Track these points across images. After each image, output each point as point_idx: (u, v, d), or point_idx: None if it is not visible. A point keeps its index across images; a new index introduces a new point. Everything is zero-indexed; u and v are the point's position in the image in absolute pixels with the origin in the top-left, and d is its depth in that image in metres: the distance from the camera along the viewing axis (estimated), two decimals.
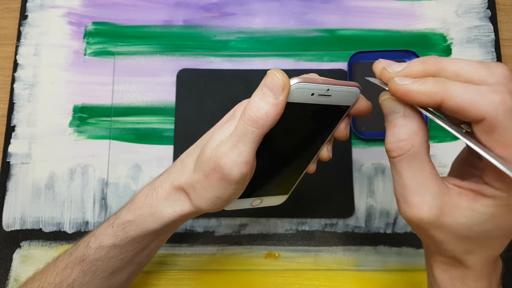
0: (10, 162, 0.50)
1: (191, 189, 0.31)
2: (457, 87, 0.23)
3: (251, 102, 0.27)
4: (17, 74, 0.52)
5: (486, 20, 0.53)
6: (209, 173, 0.29)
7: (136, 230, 0.34)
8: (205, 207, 0.31)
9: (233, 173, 0.28)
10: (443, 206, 0.25)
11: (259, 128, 0.27)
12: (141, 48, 0.53)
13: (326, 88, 0.28)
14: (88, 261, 0.34)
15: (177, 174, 0.33)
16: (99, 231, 0.35)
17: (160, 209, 0.33)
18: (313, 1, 0.55)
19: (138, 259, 0.36)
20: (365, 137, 0.50)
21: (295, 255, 0.47)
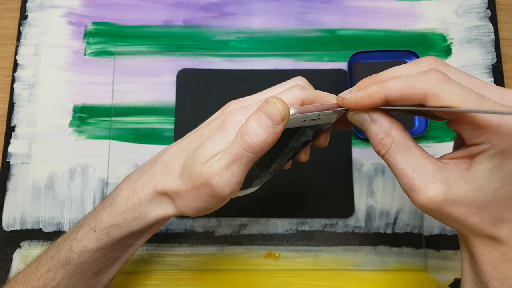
0: (10, 162, 0.50)
1: (177, 196, 0.31)
2: (393, 81, 0.26)
3: (249, 127, 0.28)
4: (17, 74, 0.52)
5: (486, 20, 0.53)
6: (199, 187, 0.30)
7: (121, 232, 0.34)
8: (189, 213, 0.32)
9: (224, 191, 0.29)
10: (445, 180, 0.26)
11: (255, 154, 0.28)
12: (141, 48, 0.53)
13: (317, 114, 0.29)
14: (72, 265, 0.34)
15: (161, 178, 0.32)
16: (81, 235, 0.34)
17: (144, 213, 0.33)
18: (313, 1, 0.55)
19: (124, 257, 0.37)
20: (365, 137, 0.50)
21: (295, 255, 0.47)
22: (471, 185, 0.25)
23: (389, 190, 0.49)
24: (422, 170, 0.26)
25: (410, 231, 0.48)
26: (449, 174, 0.26)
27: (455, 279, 0.46)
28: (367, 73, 0.52)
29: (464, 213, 0.26)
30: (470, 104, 0.24)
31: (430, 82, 0.25)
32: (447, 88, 0.24)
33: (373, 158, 0.50)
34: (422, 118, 0.50)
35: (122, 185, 0.35)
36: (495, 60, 0.52)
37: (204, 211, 0.32)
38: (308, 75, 0.52)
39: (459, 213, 0.26)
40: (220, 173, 0.29)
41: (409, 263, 0.47)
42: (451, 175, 0.26)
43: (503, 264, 0.27)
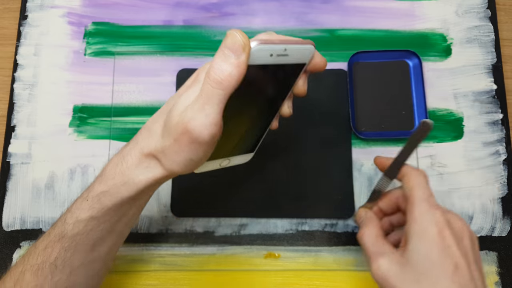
0: (10, 162, 0.50)
1: (161, 154, 0.32)
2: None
3: (214, 64, 0.28)
4: (17, 74, 0.52)
5: (486, 20, 0.53)
6: (179, 137, 0.30)
7: (111, 199, 0.33)
8: (178, 169, 0.32)
9: (203, 135, 0.29)
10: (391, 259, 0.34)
11: (224, 89, 0.28)
12: (141, 48, 0.53)
13: (283, 48, 0.30)
14: (67, 237, 0.34)
15: (145, 141, 0.33)
16: (74, 207, 0.35)
17: (132, 177, 0.33)
18: (313, 1, 0.55)
19: (118, 228, 0.36)
20: (365, 137, 0.50)
21: (295, 255, 0.47)
22: (408, 262, 0.33)
23: None
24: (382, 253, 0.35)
25: None
26: (395, 256, 0.34)
27: None
28: (367, 73, 0.52)
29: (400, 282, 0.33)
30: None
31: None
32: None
33: (373, 158, 0.50)
34: (422, 118, 0.50)
35: (112, 157, 0.35)
36: (495, 60, 0.52)
37: (191, 164, 0.31)
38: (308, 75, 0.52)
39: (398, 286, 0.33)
40: (195, 117, 0.29)
41: None
42: (396, 256, 0.34)
43: None
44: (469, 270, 0.32)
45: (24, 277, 0.34)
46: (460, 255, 0.32)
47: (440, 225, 0.33)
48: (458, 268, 0.32)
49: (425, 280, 0.32)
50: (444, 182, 0.49)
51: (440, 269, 0.32)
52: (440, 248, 0.32)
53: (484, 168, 0.49)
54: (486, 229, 0.48)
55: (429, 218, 0.33)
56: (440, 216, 0.33)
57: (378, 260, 0.34)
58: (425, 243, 0.33)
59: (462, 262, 0.32)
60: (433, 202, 0.34)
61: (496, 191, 0.49)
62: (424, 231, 0.33)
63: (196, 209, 0.49)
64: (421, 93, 0.50)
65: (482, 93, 0.51)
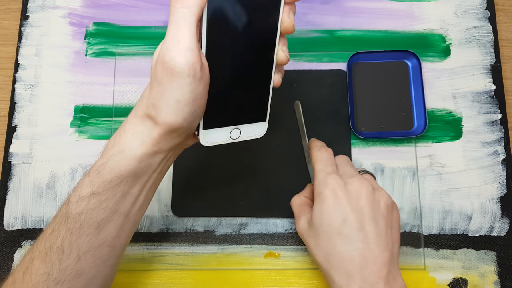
0: (11, 162, 0.50)
1: (152, 108, 0.31)
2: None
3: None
4: (18, 75, 0.53)
5: (485, 21, 0.54)
6: (161, 79, 0.29)
7: (110, 172, 0.32)
8: (170, 118, 0.30)
9: (179, 62, 0.28)
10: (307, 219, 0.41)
11: (188, 7, 0.27)
12: (142, 48, 0.53)
13: None
14: (71, 218, 0.33)
15: (138, 104, 0.33)
16: (77, 185, 0.34)
17: (130, 144, 0.32)
18: (312, 2, 0.55)
19: (123, 209, 0.34)
20: (364, 137, 0.50)
21: (295, 254, 0.48)
22: (313, 223, 0.39)
23: (388, 189, 0.49)
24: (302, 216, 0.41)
25: (409, 230, 0.48)
26: (308, 217, 0.40)
27: (454, 278, 0.47)
28: (367, 74, 0.52)
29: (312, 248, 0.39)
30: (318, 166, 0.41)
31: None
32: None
33: (372, 158, 0.50)
34: (421, 119, 0.50)
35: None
36: (494, 61, 0.52)
37: (179, 107, 0.30)
38: (308, 75, 0.52)
39: (310, 246, 0.39)
40: (167, 47, 0.28)
41: (408, 262, 0.47)
42: (308, 218, 0.40)
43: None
44: (360, 222, 0.36)
45: (33, 265, 0.33)
46: (351, 210, 0.36)
47: (333, 188, 0.38)
48: (346, 222, 0.36)
49: (321, 234, 0.37)
50: (443, 182, 0.49)
51: (331, 224, 0.36)
52: (332, 206, 0.37)
53: (483, 168, 0.50)
54: (485, 228, 0.48)
55: (324, 183, 0.38)
56: (335, 181, 0.38)
57: (299, 219, 0.41)
58: (321, 203, 0.38)
59: (352, 216, 0.36)
60: (330, 171, 0.39)
61: (495, 190, 0.49)
62: (320, 194, 0.38)
63: (197, 209, 0.49)
64: (420, 93, 0.51)
65: (481, 93, 0.52)
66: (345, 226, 0.36)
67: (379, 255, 0.35)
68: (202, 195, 0.49)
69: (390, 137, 0.50)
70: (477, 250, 0.47)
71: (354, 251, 0.35)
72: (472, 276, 0.47)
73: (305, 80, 0.52)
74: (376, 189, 0.39)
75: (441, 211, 0.48)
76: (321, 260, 0.37)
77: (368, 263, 0.34)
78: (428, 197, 0.49)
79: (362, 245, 0.35)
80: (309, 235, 0.39)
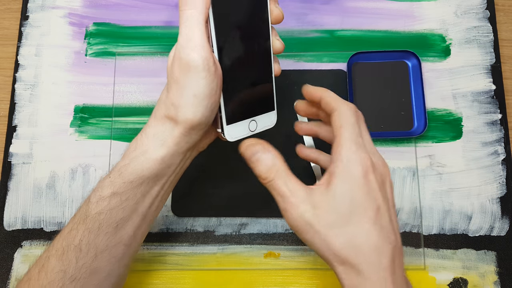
0: (11, 162, 0.50)
1: (171, 108, 0.32)
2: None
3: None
4: (18, 75, 0.53)
5: (485, 21, 0.54)
6: (177, 77, 0.31)
7: (132, 173, 0.33)
8: (190, 115, 0.32)
9: (193, 58, 0.30)
10: (312, 201, 0.31)
11: (196, 7, 0.29)
12: (142, 48, 0.53)
13: None
14: (91, 217, 0.33)
15: (157, 108, 0.34)
16: (97, 186, 0.35)
17: (152, 145, 0.33)
18: (313, 2, 0.55)
19: (141, 209, 0.35)
20: None
21: (295, 254, 0.48)
22: (330, 203, 0.31)
23: None
24: (296, 192, 0.32)
25: (409, 230, 0.48)
26: (316, 196, 0.32)
27: (454, 278, 0.47)
28: (367, 74, 0.52)
29: (327, 233, 0.31)
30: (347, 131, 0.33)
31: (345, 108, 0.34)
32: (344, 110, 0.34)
33: None
34: (421, 119, 0.50)
35: None
36: (494, 61, 0.52)
37: (197, 102, 0.31)
38: (308, 75, 0.52)
39: (323, 231, 0.31)
40: (181, 46, 0.30)
41: (408, 262, 0.47)
42: (317, 196, 0.32)
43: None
44: (389, 212, 0.32)
45: (49, 263, 0.33)
46: (382, 198, 0.32)
47: (366, 168, 0.32)
48: (379, 211, 0.32)
49: (347, 222, 0.31)
50: (443, 182, 0.49)
51: (363, 211, 0.31)
52: (365, 190, 0.31)
53: (483, 168, 0.50)
54: (485, 228, 0.48)
55: (355, 160, 0.32)
56: (367, 159, 0.32)
57: (299, 206, 0.32)
58: (350, 184, 0.31)
59: (383, 205, 0.32)
60: (360, 143, 0.33)
61: (495, 190, 0.49)
62: (349, 172, 0.32)
63: (197, 209, 0.49)
64: (420, 93, 0.51)
65: (481, 93, 0.52)
66: (379, 216, 0.31)
67: (401, 246, 0.33)
68: (202, 195, 0.49)
69: (390, 137, 0.50)
70: (477, 250, 0.47)
71: (390, 244, 0.31)
72: (472, 276, 0.47)
73: (305, 80, 0.52)
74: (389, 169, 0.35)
75: (441, 211, 0.48)
76: (343, 249, 0.31)
77: (396, 255, 0.32)
78: (428, 197, 0.49)
79: (393, 237, 0.32)
80: (326, 224, 0.31)
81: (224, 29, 0.32)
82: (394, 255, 0.31)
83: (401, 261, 0.32)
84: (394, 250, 0.31)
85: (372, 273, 0.30)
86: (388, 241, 0.31)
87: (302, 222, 0.31)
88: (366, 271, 0.30)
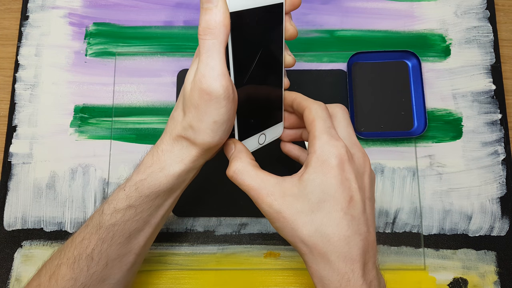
0: (11, 162, 0.50)
1: (189, 131, 0.33)
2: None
3: (200, 21, 0.30)
4: (18, 75, 0.53)
5: (485, 21, 0.54)
6: (198, 103, 0.31)
7: (149, 187, 0.34)
8: (208, 138, 0.32)
9: (215, 87, 0.30)
10: (283, 189, 0.32)
11: (217, 37, 0.30)
12: (142, 48, 0.53)
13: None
14: (104, 228, 0.34)
15: (172, 127, 0.34)
16: (112, 198, 0.35)
17: (169, 161, 0.34)
18: (313, 2, 0.55)
19: (154, 220, 0.37)
20: (364, 137, 0.50)
21: (295, 254, 0.48)
22: (301, 192, 0.31)
23: (388, 189, 0.49)
24: (265, 184, 0.32)
25: (409, 230, 0.48)
26: (286, 185, 0.32)
27: (454, 278, 0.47)
28: (367, 74, 0.52)
29: (295, 220, 0.31)
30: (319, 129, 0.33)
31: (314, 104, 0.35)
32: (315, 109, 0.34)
33: (372, 158, 0.50)
34: (421, 119, 0.50)
35: (149, 150, 0.37)
36: (494, 61, 0.52)
37: (216, 127, 0.32)
38: (308, 75, 0.52)
39: (291, 218, 0.31)
40: (203, 74, 0.30)
41: (408, 262, 0.47)
42: (288, 185, 0.32)
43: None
44: (363, 203, 0.32)
45: (60, 270, 0.34)
46: (357, 189, 0.32)
47: (341, 157, 0.32)
48: (352, 201, 0.31)
49: (318, 211, 0.31)
50: (443, 182, 0.49)
51: (335, 200, 0.31)
52: (339, 180, 0.31)
53: (483, 168, 0.50)
54: (485, 228, 0.48)
55: (329, 150, 0.32)
56: (342, 148, 0.32)
57: (268, 196, 0.32)
58: (324, 174, 0.31)
59: (357, 196, 0.32)
60: (334, 134, 0.33)
61: (495, 190, 0.49)
62: (323, 161, 0.31)
63: (197, 209, 0.49)
64: (420, 93, 0.51)
65: (481, 93, 0.52)
66: (351, 206, 0.31)
67: (375, 239, 0.33)
68: (202, 195, 0.49)
69: (390, 137, 0.50)
70: (477, 250, 0.47)
71: (361, 235, 0.31)
72: (472, 276, 0.47)
73: (305, 80, 0.52)
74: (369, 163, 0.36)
75: (441, 211, 0.48)
76: (311, 237, 0.31)
77: (368, 248, 0.32)
78: (428, 197, 0.49)
79: (365, 229, 0.32)
80: (296, 212, 0.31)
81: (240, 53, 0.32)
82: (365, 247, 0.31)
83: (374, 255, 0.32)
84: (366, 242, 0.31)
85: (341, 263, 0.30)
86: (358, 232, 0.31)
87: (271, 210, 0.32)
88: (334, 261, 0.30)
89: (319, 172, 0.31)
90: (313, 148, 0.32)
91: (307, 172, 0.32)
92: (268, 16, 0.33)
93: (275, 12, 0.33)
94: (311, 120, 0.34)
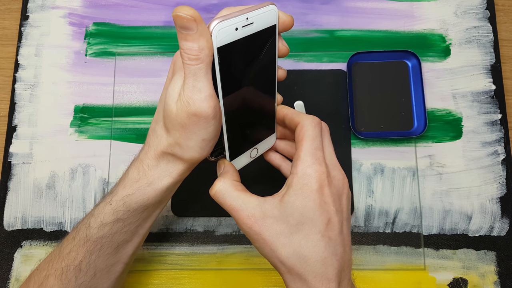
0: (11, 162, 0.50)
1: (176, 147, 0.33)
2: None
3: (182, 47, 0.29)
4: (18, 75, 0.53)
5: (485, 21, 0.54)
6: (185, 123, 0.31)
7: (137, 202, 0.35)
8: (195, 155, 0.33)
9: (205, 109, 0.30)
10: (263, 210, 0.33)
11: (203, 62, 0.30)
12: (142, 48, 0.53)
13: (244, 17, 0.30)
14: (92, 240, 0.35)
15: (155, 142, 0.34)
16: (97, 211, 0.35)
17: (157, 176, 0.34)
18: (313, 2, 0.55)
19: (142, 231, 0.37)
20: (364, 137, 0.50)
21: None
22: (281, 214, 0.32)
23: (388, 189, 0.49)
24: (246, 205, 0.33)
25: (409, 230, 0.48)
26: (267, 206, 0.33)
27: (454, 278, 0.47)
28: (367, 74, 0.52)
29: (274, 241, 0.32)
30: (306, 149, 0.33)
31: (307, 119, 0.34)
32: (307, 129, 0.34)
33: (372, 158, 0.50)
34: (421, 119, 0.50)
35: (130, 164, 0.36)
36: (494, 61, 0.52)
37: (205, 144, 0.33)
38: (308, 75, 0.52)
39: (270, 240, 0.32)
40: (191, 97, 0.30)
41: (408, 262, 0.47)
42: (268, 206, 0.33)
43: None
44: (340, 225, 0.33)
45: (48, 281, 0.35)
46: (335, 211, 0.33)
47: (321, 182, 0.32)
48: (330, 223, 0.32)
49: (297, 233, 0.32)
50: (443, 182, 0.49)
51: (313, 223, 0.32)
52: (317, 204, 0.32)
53: (483, 168, 0.50)
54: (485, 228, 0.48)
55: (310, 173, 0.32)
56: (323, 173, 0.32)
57: (249, 218, 0.33)
58: (303, 197, 0.32)
59: (335, 218, 0.33)
60: (318, 156, 0.33)
61: (495, 191, 0.49)
62: (304, 185, 0.32)
63: (197, 209, 0.49)
64: (420, 93, 0.51)
65: (481, 93, 0.52)
66: (329, 228, 0.32)
67: (350, 257, 0.35)
68: (202, 195, 0.49)
69: (390, 137, 0.50)
70: (477, 250, 0.47)
71: (336, 256, 0.32)
72: (472, 276, 0.47)
73: (305, 80, 0.52)
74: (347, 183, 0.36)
75: (441, 211, 0.48)
76: (289, 258, 0.32)
77: (344, 266, 0.33)
78: (428, 197, 0.49)
79: (342, 249, 0.33)
80: (275, 234, 0.32)
81: (229, 72, 0.31)
82: (341, 267, 0.33)
83: (349, 272, 0.34)
84: (342, 262, 0.33)
85: (317, 282, 0.32)
86: (335, 253, 0.32)
87: (251, 232, 0.33)
88: (311, 281, 0.32)
89: (299, 195, 0.32)
90: (295, 169, 0.33)
91: (287, 194, 0.32)
92: (260, 39, 0.32)
93: (268, 34, 0.33)
94: (300, 138, 0.34)
